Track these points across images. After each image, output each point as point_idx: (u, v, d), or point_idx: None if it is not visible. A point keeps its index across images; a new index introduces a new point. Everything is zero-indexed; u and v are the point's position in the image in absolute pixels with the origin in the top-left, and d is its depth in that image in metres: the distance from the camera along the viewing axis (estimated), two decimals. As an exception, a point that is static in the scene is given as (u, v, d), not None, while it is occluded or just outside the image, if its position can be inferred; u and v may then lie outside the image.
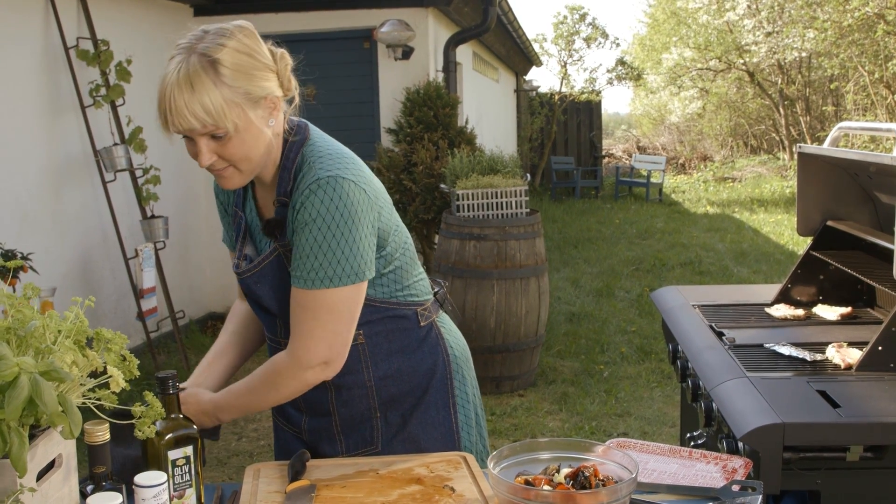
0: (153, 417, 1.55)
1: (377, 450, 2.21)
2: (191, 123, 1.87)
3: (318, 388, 2.14)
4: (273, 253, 2.07)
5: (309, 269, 1.96)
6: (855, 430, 2.23)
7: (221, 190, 2.23)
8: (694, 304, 3.47)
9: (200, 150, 1.92)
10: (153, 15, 7.67)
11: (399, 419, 2.23)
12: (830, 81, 19.55)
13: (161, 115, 1.90)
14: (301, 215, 1.95)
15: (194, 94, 1.85)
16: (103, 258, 6.85)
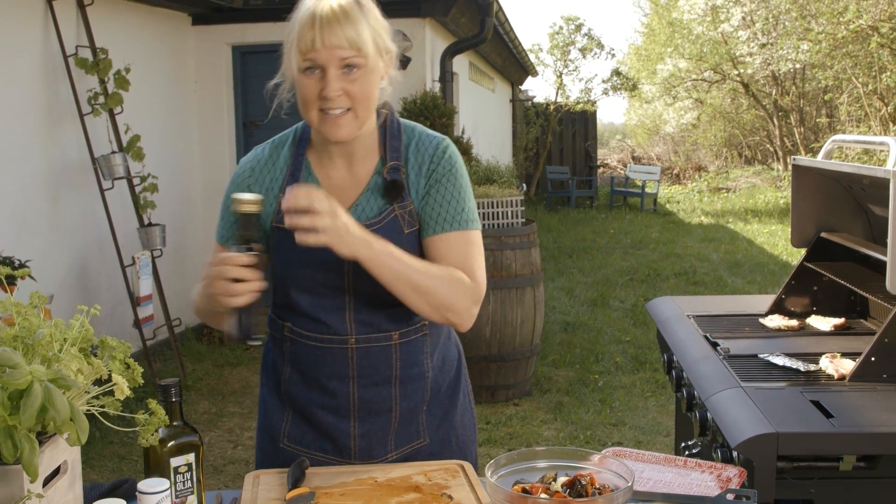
0: (156, 425, 1.57)
1: (425, 443, 2.23)
2: (340, 41, 1.92)
3: (383, 385, 2.15)
4: (389, 215, 2.08)
5: (461, 211, 2.10)
6: (848, 439, 2.26)
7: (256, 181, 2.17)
8: (689, 315, 3.49)
9: (329, 80, 1.95)
10: (152, 24, 7.70)
11: (440, 410, 2.26)
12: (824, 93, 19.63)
13: (301, 38, 1.93)
14: (438, 169, 2.10)
15: (348, 19, 1.93)
16: (100, 265, 6.86)
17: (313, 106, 1.99)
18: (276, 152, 2.19)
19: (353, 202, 2.11)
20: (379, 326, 2.12)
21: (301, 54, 1.94)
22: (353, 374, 2.14)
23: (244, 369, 7.30)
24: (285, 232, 1.99)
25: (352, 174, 2.13)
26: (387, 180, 2.09)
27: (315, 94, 1.97)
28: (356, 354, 2.13)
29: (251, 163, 2.20)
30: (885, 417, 2.34)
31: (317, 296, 2.11)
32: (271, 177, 2.16)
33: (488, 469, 1.87)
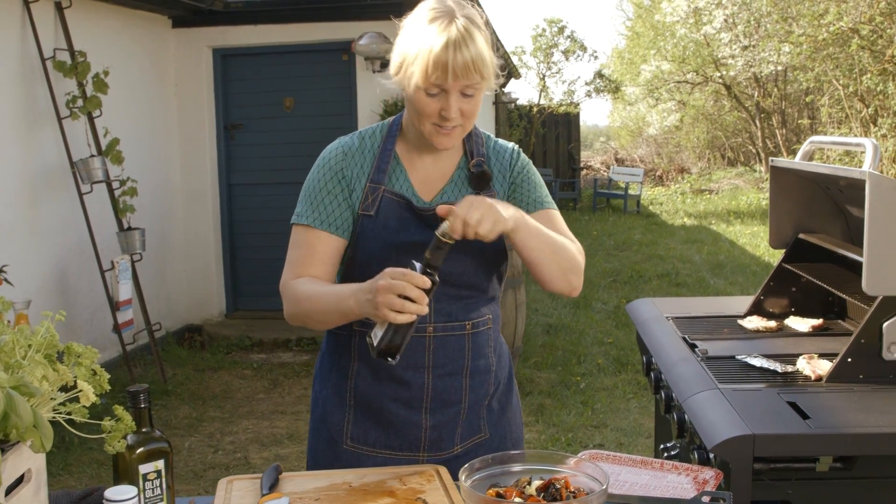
0: (123, 431, 1.55)
1: (486, 437, 2.32)
2: (470, 73, 2.00)
3: (455, 375, 2.23)
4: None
5: (544, 195, 2.32)
6: (824, 440, 2.25)
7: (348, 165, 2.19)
8: (668, 316, 3.49)
9: (451, 104, 2.03)
10: (131, 27, 7.66)
11: (499, 405, 2.35)
12: (806, 95, 19.70)
13: (434, 68, 1.98)
14: (517, 167, 2.30)
15: (475, 45, 2.00)
16: (79, 270, 6.82)
17: (428, 119, 2.08)
18: (364, 143, 2.24)
19: (439, 191, 2.22)
20: (456, 316, 2.21)
21: (427, 79, 2.00)
22: (429, 364, 2.21)
23: (225, 373, 7.27)
24: (371, 219, 2.15)
25: (437, 167, 2.24)
26: (473, 172, 2.24)
27: (434, 112, 2.06)
28: (433, 343, 2.20)
29: (343, 148, 2.23)
30: (861, 418, 2.34)
31: None
32: (361, 164, 2.20)
33: (462, 473, 1.86)
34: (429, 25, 2.00)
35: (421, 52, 1.99)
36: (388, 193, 2.17)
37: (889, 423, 2.30)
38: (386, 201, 2.16)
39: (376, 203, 2.16)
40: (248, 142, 8.55)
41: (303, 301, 2.11)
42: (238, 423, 6.07)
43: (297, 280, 2.16)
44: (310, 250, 2.17)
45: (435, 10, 2.03)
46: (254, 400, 6.60)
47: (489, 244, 2.16)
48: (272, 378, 7.11)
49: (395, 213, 2.16)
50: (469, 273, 2.20)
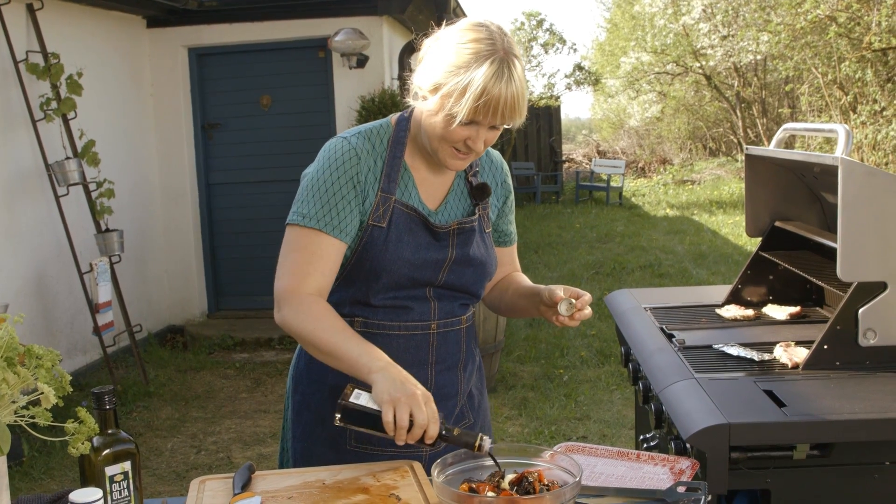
0: (86, 434, 1.53)
1: (469, 423, 2.37)
2: (518, 117, 2.04)
3: (453, 369, 2.30)
4: (477, 215, 2.28)
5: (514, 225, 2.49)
6: (800, 428, 2.25)
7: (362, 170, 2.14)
8: (646, 307, 3.48)
9: (481, 136, 2.06)
10: (105, 27, 7.60)
11: (477, 392, 2.42)
12: (785, 83, 19.75)
13: (485, 107, 1.99)
14: (508, 187, 2.41)
15: (523, 90, 2.03)
16: (58, 273, 6.77)
17: (450, 145, 2.08)
18: (373, 145, 2.19)
19: (441, 202, 2.25)
20: (454, 312, 2.27)
21: (470, 115, 2.00)
22: (433, 360, 2.25)
23: (207, 374, 7.23)
24: (382, 231, 2.14)
25: (437, 177, 2.25)
26: (474, 184, 2.29)
27: (460, 139, 2.06)
28: (436, 339, 2.25)
29: (356, 149, 2.15)
30: (837, 405, 2.33)
31: (400, 289, 2.18)
32: (372, 169, 2.16)
33: (435, 468, 1.85)
34: (480, 62, 1.98)
35: (472, 89, 1.97)
36: (398, 205, 2.15)
37: (865, 409, 2.30)
38: (397, 213, 2.15)
39: (388, 214, 2.14)
40: (226, 141, 8.51)
41: (319, 329, 2.03)
42: (221, 423, 6.04)
43: (315, 300, 2.07)
44: (319, 258, 2.09)
45: (483, 43, 2.00)
46: (236, 399, 6.58)
47: (490, 259, 2.29)
48: (255, 377, 7.09)
49: (407, 226, 2.15)
50: (469, 284, 2.26)
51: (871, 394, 2.40)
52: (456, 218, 2.25)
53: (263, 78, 8.39)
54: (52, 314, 6.71)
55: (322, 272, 2.10)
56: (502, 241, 2.44)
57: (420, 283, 2.18)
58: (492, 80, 1.96)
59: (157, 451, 5.57)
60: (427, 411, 1.86)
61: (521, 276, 2.47)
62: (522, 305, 2.34)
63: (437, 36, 2.08)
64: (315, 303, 2.07)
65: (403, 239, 2.15)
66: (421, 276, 2.17)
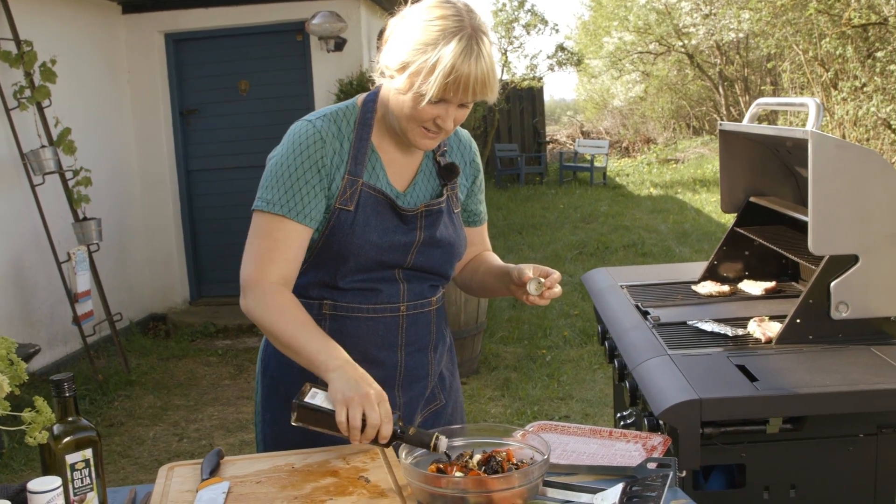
0: (43, 423, 1.51)
1: (441, 404, 2.37)
2: (490, 94, 2.02)
3: (423, 351, 2.29)
4: (444, 197, 2.25)
5: (484, 202, 2.46)
6: (772, 402, 2.25)
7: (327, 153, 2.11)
8: (622, 285, 3.48)
9: (451, 114, 2.04)
10: (78, 14, 7.53)
11: (448, 372, 2.42)
12: (767, 61, 19.75)
13: (455, 84, 1.97)
14: (477, 166, 2.40)
15: (493, 66, 2.01)
16: (36, 263, 6.72)
17: (420, 124, 2.06)
18: (339, 128, 2.15)
19: (411, 182, 2.23)
20: (424, 294, 2.25)
21: (440, 93, 1.98)
22: (402, 342, 2.23)
23: (189, 361, 7.20)
24: (350, 214, 2.11)
25: (405, 157, 2.23)
26: (442, 164, 2.27)
27: (429, 118, 2.04)
28: (406, 321, 2.23)
29: (321, 133, 2.12)
30: (808, 378, 2.33)
31: (369, 272, 2.17)
32: (339, 153, 2.13)
33: (403, 450, 1.84)
34: (448, 39, 1.95)
35: (441, 66, 1.95)
36: (366, 188, 2.13)
37: (837, 382, 2.30)
38: (365, 196, 2.12)
39: (355, 197, 2.12)
40: (205, 127, 8.46)
41: (280, 322, 2.02)
42: (203, 411, 6.02)
43: (277, 290, 2.06)
44: (284, 245, 2.08)
45: (451, 20, 1.98)
46: (219, 386, 6.55)
47: (459, 240, 2.27)
48: (237, 364, 7.06)
49: (374, 209, 2.13)
50: (437, 265, 2.24)
51: (843, 367, 2.40)
52: (424, 199, 2.22)
53: (241, 63, 8.33)
54: (31, 305, 6.67)
55: (286, 259, 2.08)
56: (472, 220, 2.42)
57: (388, 266, 2.17)
58: (460, 56, 1.94)
59: (140, 439, 5.55)
60: (380, 411, 1.84)
61: (491, 256, 2.45)
62: (493, 285, 2.33)
63: (403, 14, 2.05)
64: (278, 293, 2.05)
65: (371, 222, 2.12)
66: (389, 259, 2.15)
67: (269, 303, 2.04)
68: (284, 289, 2.08)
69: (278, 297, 2.05)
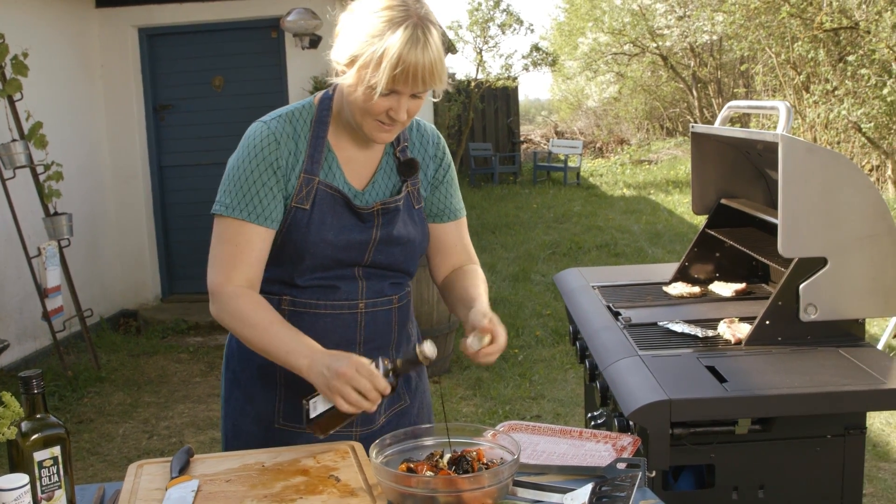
0: (11, 418, 1.50)
1: (406, 405, 2.34)
2: (433, 81, 1.99)
3: (384, 349, 2.25)
4: (404, 192, 2.22)
5: (459, 200, 2.38)
6: (741, 403, 2.27)
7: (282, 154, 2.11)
8: (594, 286, 3.49)
9: (402, 105, 2.02)
10: (51, 7, 7.46)
11: (415, 373, 2.39)
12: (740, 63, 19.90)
13: (402, 74, 1.95)
14: (444, 163, 2.33)
15: (439, 55, 1.98)
16: (6, 258, 6.66)
17: (374, 117, 2.04)
18: (294, 127, 2.15)
19: (370, 180, 2.20)
20: (384, 292, 2.23)
21: (389, 84, 1.96)
22: (361, 339, 2.21)
23: (160, 358, 7.16)
24: (306, 212, 2.10)
25: (364, 153, 2.21)
26: (401, 160, 2.23)
27: (381, 111, 2.02)
28: (364, 319, 2.21)
29: (275, 134, 2.12)
30: (777, 380, 2.36)
31: (327, 270, 2.16)
32: (295, 152, 2.13)
33: (373, 449, 1.84)
34: (394, 29, 1.94)
35: (387, 57, 1.93)
36: (322, 186, 2.12)
37: (805, 383, 2.32)
38: (321, 194, 2.12)
39: (311, 196, 2.11)
40: (178, 122, 8.41)
41: (247, 327, 2.05)
42: (174, 408, 5.99)
43: (240, 293, 2.07)
44: (245, 248, 2.09)
45: (396, 10, 1.96)
46: (190, 384, 6.52)
47: (419, 236, 2.25)
48: (209, 361, 7.03)
49: (330, 207, 2.12)
50: (398, 262, 2.23)
51: (811, 368, 2.42)
52: (383, 197, 2.20)
53: (215, 59, 8.28)
54: (1, 300, 6.61)
55: (249, 263, 2.10)
56: (444, 216, 2.33)
57: (346, 264, 2.16)
58: (406, 46, 1.93)
59: (109, 436, 5.52)
60: (364, 377, 1.88)
61: (471, 276, 2.33)
62: (460, 313, 2.26)
63: (352, 8, 2.04)
64: (243, 297, 2.07)
65: (326, 221, 2.12)
66: (346, 258, 2.15)
67: (234, 308, 2.07)
68: (250, 291, 2.10)
69: (243, 302, 2.07)
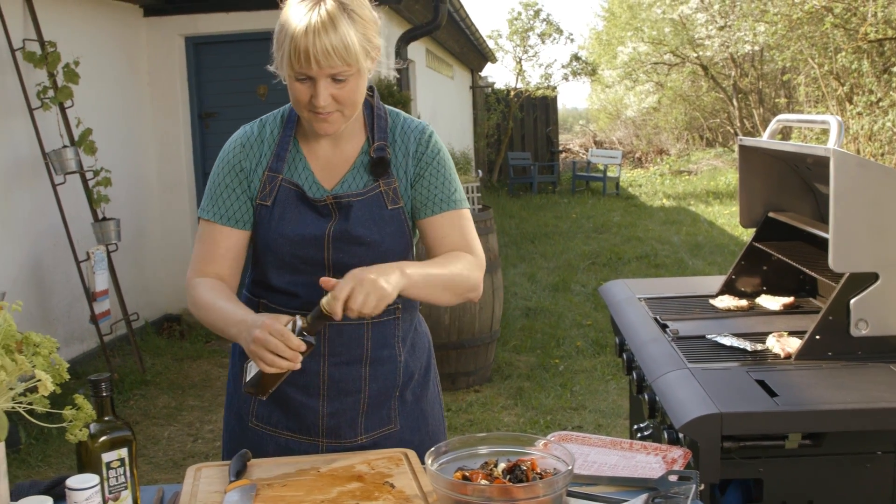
0: (84, 420, 1.54)
1: (395, 429, 2.27)
2: (331, 61, 1.94)
3: (353, 364, 2.19)
4: (374, 190, 2.15)
5: (453, 192, 2.22)
6: (792, 418, 2.27)
7: (246, 157, 2.17)
8: (640, 297, 3.50)
9: (319, 91, 1.98)
10: (101, 16, 7.59)
11: (412, 397, 2.31)
12: (782, 74, 19.76)
13: (295, 55, 1.94)
14: (427, 154, 2.21)
15: (337, 33, 1.93)
16: (55, 262, 6.77)
17: (304, 107, 2.04)
18: (264, 130, 2.20)
19: (340, 178, 2.17)
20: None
21: (292, 67, 1.97)
22: (325, 352, 2.18)
23: (204, 362, 7.24)
24: (268, 209, 2.13)
25: (338, 153, 2.19)
26: (373, 157, 2.17)
27: (305, 99, 2.01)
28: (328, 331, 2.16)
29: (241, 139, 2.20)
30: (828, 395, 2.35)
31: (296, 273, 2.15)
32: (260, 153, 2.17)
33: (429, 457, 1.86)
34: (296, 7, 1.96)
35: (286, 37, 1.95)
36: (285, 182, 2.14)
37: (856, 399, 2.32)
38: (283, 191, 2.14)
39: (273, 192, 2.14)
40: (223, 130, 8.50)
41: (200, 308, 2.12)
42: (217, 412, 6.05)
43: (200, 282, 2.15)
44: (212, 246, 2.18)
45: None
46: (233, 388, 6.58)
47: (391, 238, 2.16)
48: (251, 366, 7.09)
49: (292, 203, 2.14)
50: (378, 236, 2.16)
51: (862, 384, 2.42)
52: (352, 191, 2.16)
53: (259, 67, 8.28)
54: (49, 303, 6.72)
55: (216, 259, 2.18)
56: (428, 207, 2.20)
57: (310, 264, 2.13)
58: (301, 24, 1.92)
59: (154, 439, 5.59)
60: (273, 337, 1.86)
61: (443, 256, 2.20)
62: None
63: None
64: (198, 285, 2.15)
65: (286, 216, 2.14)
66: (306, 255, 2.13)
67: (192, 296, 2.15)
68: (208, 279, 2.16)
69: (199, 288, 2.14)
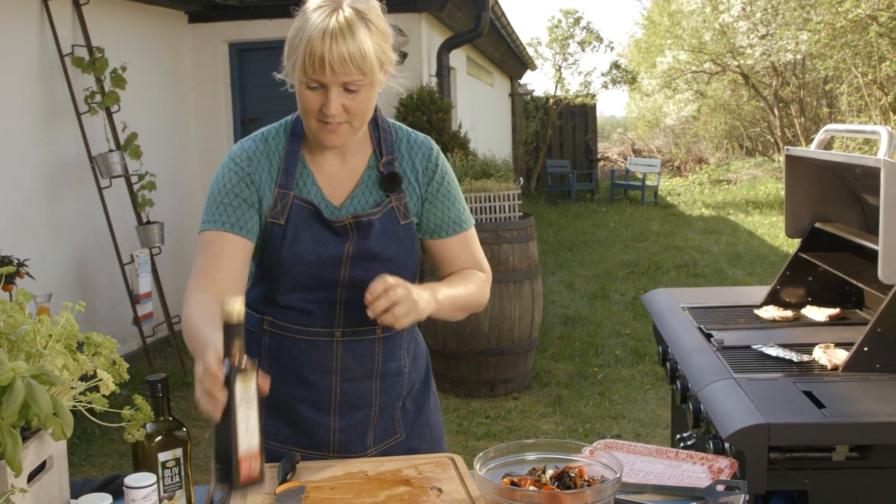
0: (142, 420, 1.57)
1: (401, 438, 2.27)
2: (346, 68, 1.91)
3: (365, 379, 2.18)
4: (387, 206, 2.13)
5: (460, 213, 2.23)
6: (839, 430, 2.25)
7: (255, 170, 2.11)
8: (684, 307, 3.49)
9: (331, 99, 1.95)
10: (147, 22, 7.70)
11: (414, 406, 2.30)
12: (825, 83, 19.62)
13: (310, 60, 1.90)
14: (436, 177, 2.20)
15: (354, 40, 1.90)
16: (99, 264, 6.87)
17: (313, 116, 2.00)
18: (269, 145, 2.14)
19: (349, 194, 2.13)
20: (364, 321, 2.07)
21: (305, 73, 1.93)
22: (337, 368, 2.16)
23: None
24: (280, 227, 2.06)
25: (345, 168, 2.15)
26: (384, 173, 2.13)
27: (316, 108, 1.97)
28: (341, 348, 2.15)
29: (248, 153, 2.13)
30: (877, 407, 2.34)
31: (308, 290, 2.11)
32: (268, 169, 2.11)
33: (477, 462, 1.87)
34: (312, 13, 1.92)
35: (301, 42, 1.91)
36: (297, 200, 2.09)
37: (905, 411, 2.30)
38: (296, 209, 2.09)
39: (286, 211, 2.09)
40: (266, 135, 8.58)
41: (185, 327, 1.98)
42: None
43: (194, 299, 2.01)
44: (218, 257, 2.07)
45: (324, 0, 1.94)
46: (272, 392, 6.62)
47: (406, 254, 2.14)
48: (290, 370, 7.13)
49: (306, 222, 2.09)
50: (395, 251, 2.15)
51: (911, 396, 2.40)
52: (365, 208, 2.13)
53: (302, 74, 8.42)
54: (93, 304, 6.81)
55: (219, 269, 2.06)
56: (442, 231, 2.22)
57: (325, 282, 2.11)
58: (318, 30, 1.89)
59: (195, 440, 5.64)
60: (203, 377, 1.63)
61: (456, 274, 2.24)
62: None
63: None
64: (188, 305, 2.01)
65: (300, 236, 2.08)
66: (322, 274, 2.09)
67: (185, 313, 2.01)
68: (200, 296, 2.01)
69: (188, 307, 2.00)
